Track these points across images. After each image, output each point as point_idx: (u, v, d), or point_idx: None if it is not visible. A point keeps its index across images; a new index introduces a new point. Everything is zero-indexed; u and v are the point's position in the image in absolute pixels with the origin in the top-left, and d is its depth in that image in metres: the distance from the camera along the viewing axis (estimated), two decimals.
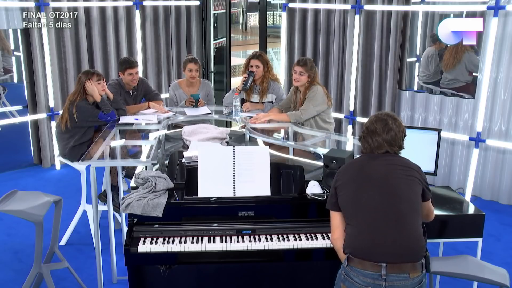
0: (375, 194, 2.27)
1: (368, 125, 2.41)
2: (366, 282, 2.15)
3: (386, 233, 2.19)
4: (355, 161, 2.48)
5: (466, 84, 5.21)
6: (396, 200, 2.24)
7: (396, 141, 2.37)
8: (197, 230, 2.74)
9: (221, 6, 7.44)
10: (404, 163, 2.36)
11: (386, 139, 2.35)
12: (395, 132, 2.36)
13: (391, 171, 2.31)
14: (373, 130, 2.38)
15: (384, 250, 2.16)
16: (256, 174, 2.77)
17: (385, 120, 2.37)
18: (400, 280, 2.12)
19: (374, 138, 2.37)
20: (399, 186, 2.27)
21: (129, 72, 4.50)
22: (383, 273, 2.12)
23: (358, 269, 2.18)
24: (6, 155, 5.98)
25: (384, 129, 2.35)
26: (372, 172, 2.33)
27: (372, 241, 2.20)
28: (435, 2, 5.67)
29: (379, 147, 2.36)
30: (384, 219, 2.22)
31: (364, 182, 2.31)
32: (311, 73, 4.10)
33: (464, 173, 5.22)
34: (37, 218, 2.99)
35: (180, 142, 3.79)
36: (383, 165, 2.34)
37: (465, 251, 3.46)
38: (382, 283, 2.12)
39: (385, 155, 2.37)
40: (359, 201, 2.29)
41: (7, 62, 5.84)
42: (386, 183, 2.28)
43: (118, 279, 3.62)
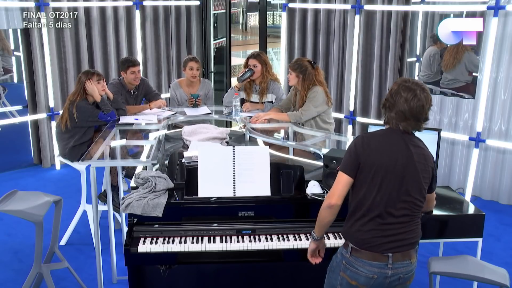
0: (394, 180, 2.21)
1: (394, 93, 2.24)
2: (372, 272, 2.21)
3: (395, 226, 2.23)
4: (380, 137, 2.29)
5: (466, 84, 5.21)
6: (409, 195, 2.23)
7: (424, 113, 2.23)
8: (197, 230, 2.74)
9: (221, 6, 7.44)
10: (423, 152, 2.27)
11: (413, 111, 2.20)
12: (423, 103, 2.21)
13: (410, 163, 2.22)
14: (399, 101, 2.21)
15: (392, 243, 2.21)
16: (256, 174, 2.77)
17: (413, 90, 2.21)
18: (404, 267, 2.22)
19: (400, 109, 2.21)
20: (415, 180, 2.23)
21: (132, 71, 4.50)
22: (389, 262, 2.19)
23: (364, 260, 2.22)
24: (6, 155, 5.98)
25: (414, 99, 2.19)
26: (397, 155, 2.22)
27: (382, 235, 2.22)
28: (435, 2, 5.67)
29: (405, 120, 2.22)
30: (396, 214, 2.23)
31: (388, 164, 2.21)
32: (298, 73, 4.09)
33: (464, 173, 5.22)
34: (37, 218, 2.99)
35: (180, 142, 3.79)
36: (405, 153, 2.23)
37: (465, 251, 3.46)
38: (388, 272, 2.20)
39: (409, 136, 2.26)
40: (378, 184, 2.22)
41: (7, 62, 5.84)
42: (404, 176, 2.21)
43: (118, 279, 3.62)
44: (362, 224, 2.25)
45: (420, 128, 2.28)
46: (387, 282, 2.22)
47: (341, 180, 2.26)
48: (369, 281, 2.22)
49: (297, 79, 4.10)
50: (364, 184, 2.24)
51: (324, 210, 2.29)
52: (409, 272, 2.25)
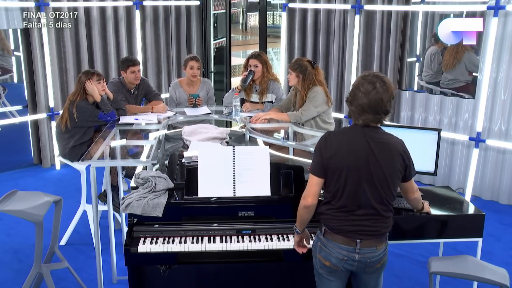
0: (358, 178, 2.31)
1: (354, 87, 2.31)
2: (342, 254, 2.37)
3: (364, 218, 2.35)
4: (342, 136, 2.37)
5: (466, 84, 5.21)
6: (377, 190, 2.32)
7: (382, 106, 2.27)
8: (197, 230, 2.74)
9: (221, 6, 7.44)
10: (386, 147, 2.31)
11: (371, 104, 2.25)
12: (381, 96, 2.25)
13: (372, 160, 2.29)
14: (358, 94, 2.27)
15: (360, 231, 2.35)
16: (256, 174, 2.77)
17: (373, 83, 2.25)
18: (370, 253, 2.38)
19: (359, 102, 2.27)
20: (379, 176, 2.31)
21: (132, 70, 4.50)
22: (357, 247, 2.36)
23: (335, 243, 2.38)
24: (6, 155, 5.98)
25: (372, 92, 2.24)
26: (358, 154, 2.30)
27: (352, 224, 2.35)
28: (435, 2, 5.67)
29: (364, 113, 2.28)
30: (364, 207, 2.34)
31: (350, 165, 2.30)
32: (298, 73, 4.09)
33: (464, 173, 5.22)
34: (37, 218, 3.00)
35: (180, 142, 3.79)
36: (366, 151, 2.29)
37: (465, 251, 3.46)
38: (355, 256, 2.37)
39: (371, 131, 2.32)
40: (343, 183, 2.32)
41: (7, 62, 5.84)
42: (368, 173, 2.30)
43: (118, 279, 3.62)
44: (334, 212, 2.38)
45: (380, 121, 2.33)
46: (356, 265, 2.39)
47: (312, 181, 2.38)
48: (340, 262, 2.39)
49: (297, 79, 4.10)
50: (332, 182, 2.35)
51: (302, 210, 2.43)
52: (375, 257, 2.39)
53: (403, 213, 2.85)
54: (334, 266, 2.40)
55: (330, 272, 2.43)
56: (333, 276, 2.44)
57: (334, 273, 2.43)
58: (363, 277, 2.48)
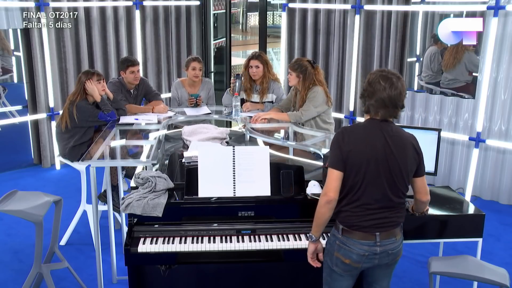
0: (376, 172, 2.32)
1: (372, 81, 2.35)
2: (363, 249, 2.38)
3: (381, 211, 2.37)
4: (359, 130, 2.39)
5: (466, 84, 5.21)
6: (394, 183, 2.35)
7: (401, 100, 2.34)
8: (197, 230, 2.74)
9: (221, 6, 7.44)
10: (401, 141, 2.36)
11: (392, 98, 2.31)
12: (400, 91, 2.32)
13: (388, 153, 2.32)
14: (379, 88, 2.32)
15: (378, 224, 2.37)
16: (256, 174, 2.77)
17: (390, 78, 2.32)
18: (391, 243, 2.40)
19: (380, 96, 2.31)
20: (396, 169, 2.34)
21: (131, 70, 4.50)
22: (377, 240, 2.37)
23: (355, 239, 2.38)
24: (6, 155, 5.98)
25: (392, 86, 2.31)
26: (376, 148, 2.32)
27: (369, 218, 2.36)
28: (435, 2, 5.67)
29: (385, 107, 2.32)
30: (381, 200, 2.36)
31: (369, 158, 2.31)
32: (299, 73, 4.09)
33: (464, 173, 5.22)
34: (37, 218, 3.00)
35: (180, 142, 3.79)
36: (383, 144, 2.32)
37: (465, 251, 3.46)
38: (377, 249, 2.38)
39: (387, 125, 2.36)
40: (362, 176, 2.32)
41: (7, 62, 5.84)
42: (385, 166, 2.33)
43: (118, 279, 3.62)
44: (351, 208, 2.38)
45: (397, 115, 2.39)
46: (377, 258, 2.40)
47: (332, 175, 2.35)
48: (361, 258, 2.39)
49: (298, 79, 4.11)
50: (350, 175, 2.34)
51: (323, 207, 2.37)
52: (396, 248, 2.43)
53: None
54: (355, 263, 2.40)
55: (346, 270, 2.43)
56: (348, 273, 2.44)
57: (351, 271, 2.44)
58: (379, 273, 2.49)
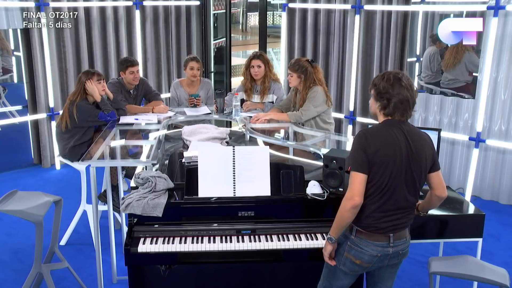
0: (400, 172, 2.31)
1: (391, 84, 2.31)
2: (376, 251, 2.38)
3: (398, 212, 2.37)
4: (381, 131, 2.35)
5: (466, 84, 5.21)
6: (414, 184, 2.35)
7: (415, 101, 2.36)
8: (197, 230, 2.74)
9: (221, 6, 7.44)
10: (420, 138, 2.36)
11: (412, 99, 2.32)
12: (416, 91, 2.36)
13: (411, 153, 2.32)
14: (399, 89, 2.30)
15: (393, 225, 2.38)
16: (256, 174, 2.77)
17: (408, 79, 2.33)
18: (401, 244, 2.42)
19: (403, 97, 2.30)
20: (417, 169, 2.34)
21: (131, 71, 4.50)
22: (390, 241, 2.38)
23: (368, 241, 2.38)
24: (6, 155, 5.98)
25: (411, 87, 2.32)
26: (400, 148, 2.30)
27: (386, 220, 2.36)
28: (435, 2, 5.67)
29: (406, 107, 2.32)
30: (401, 202, 2.36)
31: (395, 159, 2.30)
32: (300, 74, 4.08)
33: (464, 173, 5.22)
34: (37, 218, 3.00)
35: (180, 142, 3.79)
36: (405, 144, 2.31)
37: (465, 251, 3.46)
38: (390, 250, 2.39)
39: (405, 124, 2.36)
40: (388, 177, 2.30)
41: (7, 62, 5.84)
42: (408, 167, 2.32)
43: (118, 279, 3.62)
44: (371, 210, 2.35)
45: (411, 115, 2.40)
46: (388, 259, 2.42)
47: (357, 179, 2.30)
48: (373, 259, 2.39)
49: (299, 79, 4.10)
50: (374, 178, 2.31)
51: (348, 211, 2.31)
52: (405, 248, 2.45)
53: None
54: (366, 263, 2.40)
55: (353, 270, 2.44)
56: (353, 273, 2.46)
57: (357, 271, 2.45)
58: (385, 273, 2.51)
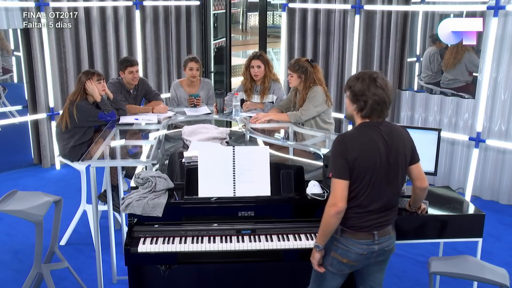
0: (382, 175, 2.33)
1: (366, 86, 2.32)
2: (362, 249, 2.40)
3: (381, 210, 2.39)
4: (359, 135, 2.35)
5: (466, 84, 5.21)
6: (395, 184, 2.38)
7: (391, 100, 2.38)
8: (197, 230, 2.74)
9: (221, 6, 7.44)
10: (397, 138, 2.37)
11: (388, 99, 2.33)
12: (391, 90, 2.38)
13: (390, 153, 2.33)
14: (375, 90, 2.31)
15: (378, 223, 2.40)
16: (256, 174, 2.77)
17: (382, 79, 2.35)
18: (386, 240, 2.44)
19: (379, 97, 2.30)
20: (397, 169, 2.37)
21: (130, 70, 4.50)
22: (375, 239, 2.40)
23: (354, 239, 2.40)
24: (6, 155, 5.98)
25: (387, 87, 2.34)
26: (379, 151, 2.31)
27: (369, 218, 2.38)
28: (435, 2, 5.67)
29: (383, 108, 2.33)
30: (383, 202, 2.38)
31: (375, 163, 2.31)
32: (300, 74, 4.08)
33: (464, 173, 5.22)
34: (37, 218, 3.00)
35: (180, 142, 3.79)
36: (384, 146, 2.32)
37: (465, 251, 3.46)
38: (375, 247, 2.41)
39: (381, 125, 2.36)
40: (368, 181, 2.33)
41: (7, 62, 5.83)
42: (388, 167, 2.34)
43: (118, 279, 3.62)
44: (354, 211, 2.37)
45: (388, 114, 2.42)
46: (374, 256, 2.44)
47: (339, 185, 2.31)
48: (359, 257, 2.41)
49: (299, 79, 4.10)
50: (355, 182, 2.34)
51: (333, 218, 2.31)
52: (391, 245, 2.47)
53: (403, 213, 2.85)
54: (352, 262, 2.42)
55: (341, 270, 2.45)
56: (341, 273, 2.47)
57: (344, 270, 2.46)
58: (373, 269, 2.52)
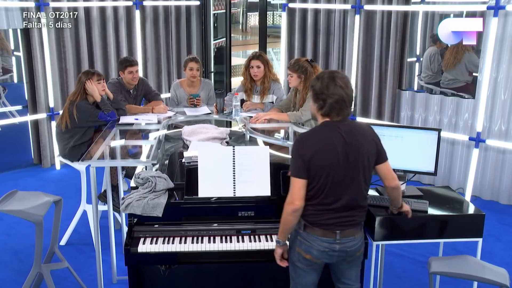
0: (340, 173, 2.36)
1: (325, 85, 2.36)
2: (323, 246, 2.43)
3: (343, 209, 2.41)
4: (317, 135, 2.41)
5: (466, 84, 5.21)
6: (356, 182, 2.39)
7: (352, 98, 2.41)
8: (197, 230, 2.74)
9: (221, 6, 7.44)
10: (357, 138, 2.38)
11: (349, 98, 2.36)
12: (352, 89, 2.40)
13: (349, 152, 2.36)
14: (334, 90, 2.34)
15: (340, 223, 2.42)
16: (256, 174, 2.77)
17: (342, 77, 2.37)
18: (349, 241, 2.45)
19: (339, 97, 2.34)
20: (357, 167, 2.38)
21: (129, 71, 4.49)
22: (337, 238, 2.42)
23: (316, 236, 2.43)
24: (6, 155, 5.98)
25: (347, 85, 2.36)
26: (336, 150, 2.35)
27: (331, 217, 2.41)
28: (435, 2, 5.67)
29: (344, 107, 2.36)
30: (344, 200, 2.39)
31: (332, 161, 2.35)
32: (300, 74, 4.08)
33: (464, 173, 5.22)
34: (37, 218, 3.00)
35: (180, 142, 3.79)
36: (342, 145, 2.35)
37: (465, 251, 3.46)
38: (336, 246, 2.43)
39: (342, 124, 2.39)
40: (326, 180, 2.36)
41: (7, 62, 5.84)
42: (347, 166, 2.36)
43: (118, 279, 3.62)
44: (314, 208, 2.41)
45: (349, 113, 2.44)
46: (336, 255, 2.45)
47: (296, 184, 2.37)
48: (321, 254, 2.44)
49: (299, 79, 4.10)
50: (313, 181, 2.37)
51: (290, 216, 2.40)
52: (354, 246, 2.47)
53: (403, 213, 2.85)
54: (315, 258, 2.45)
55: (308, 265, 2.48)
56: (311, 268, 2.49)
57: (312, 266, 2.48)
58: (343, 268, 2.53)
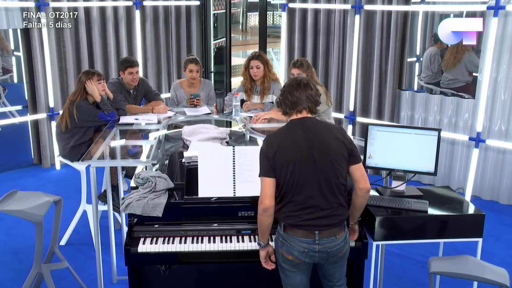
0: (305, 170, 2.39)
1: (291, 90, 2.49)
2: (302, 247, 2.44)
3: (318, 209, 2.43)
4: (281, 133, 2.50)
5: (466, 84, 5.21)
6: (327, 180, 2.41)
7: (318, 96, 2.50)
8: (197, 230, 2.74)
9: (221, 6, 7.44)
10: (323, 136, 2.43)
11: (312, 96, 2.46)
12: (315, 91, 2.49)
13: (314, 151, 2.39)
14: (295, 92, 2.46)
15: (318, 224, 2.43)
16: (256, 174, 2.76)
17: (304, 82, 2.49)
18: (330, 242, 2.46)
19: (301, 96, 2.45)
20: (326, 165, 2.41)
21: (130, 71, 4.49)
22: (316, 239, 2.43)
23: (295, 237, 2.45)
24: (6, 155, 5.98)
25: (307, 87, 2.47)
26: (299, 147, 2.40)
27: (308, 218, 2.43)
28: (435, 2, 5.67)
29: (299, 104, 2.45)
30: (317, 198, 2.42)
31: (295, 158, 2.39)
32: (308, 73, 4.10)
33: (464, 173, 5.22)
34: (37, 218, 3.00)
35: (180, 142, 3.79)
36: (306, 144, 2.40)
37: (465, 251, 3.46)
38: (316, 247, 2.44)
39: (308, 122, 2.45)
40: (291, 176, 2.40)
41: (7, 62, 5.84)
42: (314, 164, 2.39)
43: (118, 279, 3.62)
44: (289, 208, 2.45)
45: (318, 111, 2.54)
46: (317, 256, 2.46)
47: (265, 183, 2.44)
48: (302, 254, 2.45)
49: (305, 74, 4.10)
50: (281, 179, 2.43)
51: (262, 215, 2.45)
52: (336, 246, 2.47)
53: (403, 213, 2.85)
54: (296, 259, 2.46)
55: (293, 266, 2.50)
56: (296, 268, 2.50)
57: (297, 266, 2.49)
58: (327, 268, 2.55)
